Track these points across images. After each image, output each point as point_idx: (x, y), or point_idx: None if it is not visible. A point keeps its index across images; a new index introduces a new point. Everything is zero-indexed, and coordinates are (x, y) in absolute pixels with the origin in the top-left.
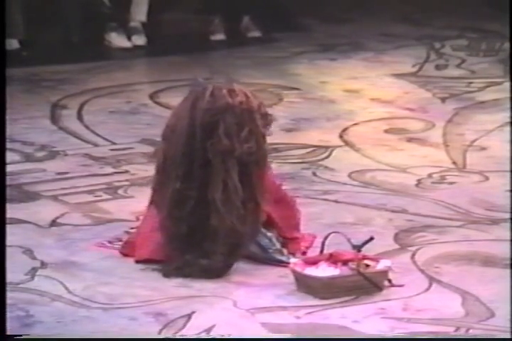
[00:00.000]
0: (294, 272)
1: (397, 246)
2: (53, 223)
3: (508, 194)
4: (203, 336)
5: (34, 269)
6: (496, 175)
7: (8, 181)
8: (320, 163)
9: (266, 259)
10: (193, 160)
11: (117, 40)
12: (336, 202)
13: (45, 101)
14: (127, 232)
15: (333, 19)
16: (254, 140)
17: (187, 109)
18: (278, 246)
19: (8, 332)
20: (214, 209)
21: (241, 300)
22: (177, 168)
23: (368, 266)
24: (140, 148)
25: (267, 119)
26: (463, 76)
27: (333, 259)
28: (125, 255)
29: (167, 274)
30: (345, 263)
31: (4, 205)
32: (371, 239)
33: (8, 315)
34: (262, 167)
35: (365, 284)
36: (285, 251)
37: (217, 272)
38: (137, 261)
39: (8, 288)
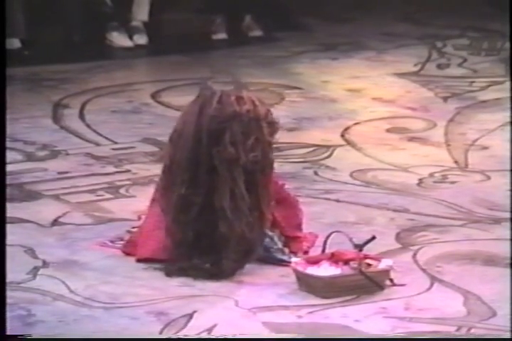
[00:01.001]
0: (296, 271)
1: (398, 246)
2: (55, 222)
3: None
4: (205, 336)
5: (36, 268)
6: (498, 174)
7: (10, 180)
8: (321, 162)
9: (267, 258)
10: (199, 165)
11: (119, 39)
12: (338, 201)
13: (47, 101)
14: (129, 231)
15: (335, 18)
16: (260, 148)
17: (194, 114)
18: (280, 245)
19: (10, 332)
20: (222, 216)
21: (243, 300)
22: (183, 172)
23: (369, 265)
24: (142, 148)
25: (274, 127)
26: (465, 75)
27: (334, 258)
28: (127, 254)
29: (169, 273)
30: (346, 262)
31: (4, 205)
32: (373, 238)
33: (10, 314)
34: (268, 175)
35: (367, 283)
36: (286, 250)
37: (224, 276)
38: (138, 260)
39: (9, 287)
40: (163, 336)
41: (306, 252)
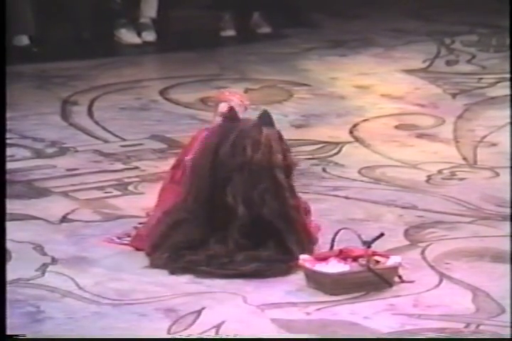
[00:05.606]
0: (304, 268)
1: (407, 242)
2: (64, 219)
3: None
4: (213, 332)
5: (45, 265)
6: (507, 170)
7: (19, 177)
8: (330, 159)
9: None
10: (215, 204)
11: (127, 36)
12: (346, 198)
13: (56, 98)
14: (135, 228)
15: (344, 15)
16: (273, 194)
17: (211, 154)
18: None
19: (19, 328)
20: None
21: (251, 296)
22: (198, 208)
23: (378, 262)
24: (150, 145)
25: (290, 169)
26: (473, 72)
27: (343, 255)
28: (135, 247)
29: (174, 271)
30: (355, 259)
31: (4, 203)
32: (381, 235)
33: (19, 311)
34: (292, 218)
35: (375, 280)
36: None
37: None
38: (148, 254)
39: (18, 284)
40: (172, 333)
41: (315, 242)
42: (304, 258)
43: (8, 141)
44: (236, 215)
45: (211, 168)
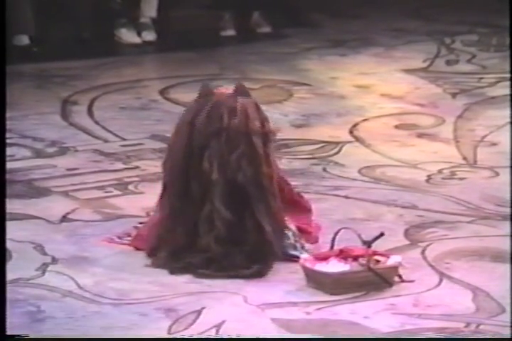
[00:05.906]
0: (304, 268)
1: (407, 242)
2: (64, 219)
3: None
4: (213, 332)
5: (45, 265)
6: (507, 170)
7: (19, 177)
8: (330, 158)
9: None
10: (190, 178)
11: (127, 36)
12: (346, 197)
13: (56, 97)
14: (136, 227)
15: (344, 14)
16: (249, 163)
17: (186, 125)
18: (292, 240)
19: (19, 328)
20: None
21: (251, 296)
22: (175, 183)
23: (378, 261)
24: (150, 144)
25: (268, 138)
26: (473, 71)
27: (343, 255)
28: (135, 247)
29: (173, 271)
30: (355, 258)
31: (4, 203)
32: (381, 234)
33: (19, 310)
34: (266, 187)
35: (376, 280)
36: (298, 245)
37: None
38: (148, 254)
39: (19, 283)
40: (172, 332)
41: (316, 241)
42: (304, 258)
43: (8, 141)
44: (212, 183)
45: (188, 140)
